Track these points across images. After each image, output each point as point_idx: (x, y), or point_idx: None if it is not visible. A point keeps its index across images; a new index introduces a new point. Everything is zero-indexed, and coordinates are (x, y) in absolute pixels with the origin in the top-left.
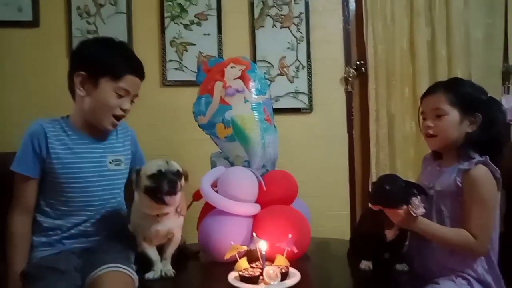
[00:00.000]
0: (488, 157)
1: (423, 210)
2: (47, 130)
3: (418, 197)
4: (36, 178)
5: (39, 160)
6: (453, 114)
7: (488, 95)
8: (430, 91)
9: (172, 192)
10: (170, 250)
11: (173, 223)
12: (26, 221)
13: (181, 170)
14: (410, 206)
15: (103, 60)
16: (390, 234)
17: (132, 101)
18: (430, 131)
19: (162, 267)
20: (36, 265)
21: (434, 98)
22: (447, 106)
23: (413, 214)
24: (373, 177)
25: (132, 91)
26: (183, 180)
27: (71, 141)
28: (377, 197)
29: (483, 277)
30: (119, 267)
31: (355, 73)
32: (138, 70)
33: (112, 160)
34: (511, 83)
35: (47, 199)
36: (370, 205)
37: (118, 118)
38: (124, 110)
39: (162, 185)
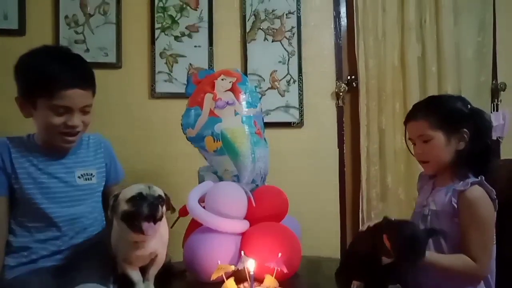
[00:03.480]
0: (483, 178)
1: None
2: (11, 146)
3: None
4: (4, 196)
5: (6, 177)
6: (438, 137)
7: (469, 106)
8: (411, 117)
9: (152, 217)
10: (153, 271)
11: (156, 244)
12: None
13: (163, 195)
14: None
15: (31, 80)
16: (387, 260)
17: (84, 113)
18: (421, 158)
19: None
20: (7, 286)
21: (416, 125)
22: (430, 131)
23: None
24: (364, 193)
25: (73, 105)
26: (164, 208)
27: (35, 158)
28: (396, 245)
29: None
30: (96, 286)
31: (346, 88)
32: (73, 82)
33: (81, 175)
34: (499, 101)
35: (17, 217)
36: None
37: (69, 134)
38: (72, 127)
39: (142, 209)
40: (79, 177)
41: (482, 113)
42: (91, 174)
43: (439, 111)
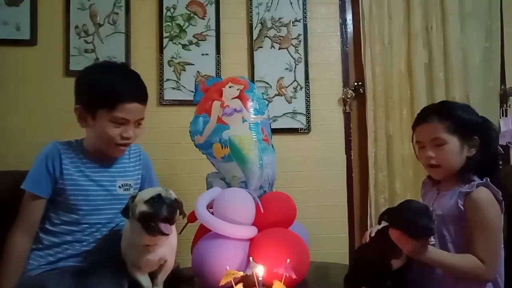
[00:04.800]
0: (488, 179)
1: (433, 240)
2: (62, 152)
3: None
4: (45, 198)
5: (52, 181)
6: (453, 142)
7: (480, 115)
8: (423, 119)
9: (170, 219)
10: (162, 276)
11: (164, 250)
12: (26, 243)
13: (178, 199)
14: None
15: (95, 92)
16: (397, 263)
17: (137, 126)
18: (433, 162)
19: None
20: (26, 285)
21: (430, 127)
22: (445, 135)
23: (430, 243)
24: (372, 199)
25: (131, 118)
26: (178, 212)
27: (82, 164)
28: (404, 225)
29: None
30: None
31: (353, 94)
32: (134, 96)
33: (121, 185)
34: (508, 106)
35: (53, 218)
36: (377, 224)
37: (122, 145)
38: (126, 138)
39: (160, 210)
40: (119, 187)
41: (491, 123)
42: (130, 184)
43: (456, 116)
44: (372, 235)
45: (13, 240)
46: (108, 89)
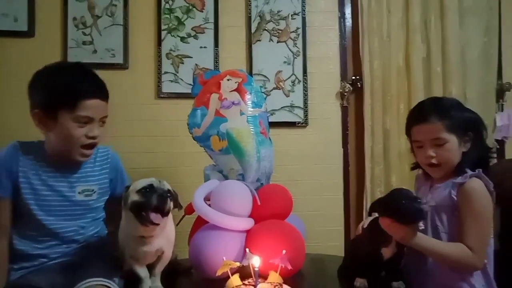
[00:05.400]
0: (481, 170)
1: (423, 226)
2: (21, 153)
3: None
4: (8, 198)
5: (11, 181)
6: (453, 140)
7: (471, 109)
8: (422, 119)
9: (160, 208)
10: (160, 267)
11: (161, 241)
12: (2, 243)
13: (172, 190)
14: None
15: (53, 93)
16: (387, 252)
17: (102, 124)
18: (433, 161)
19: (151, 284)
20: (13, 285)
21: (430, 128)
22: (446, 134)
23: (419, 228)
24: (368, 193)
25: (95, 116)
26: (172, 204)
27: (41, 168)
28: (393, 211)
29: None
30: (99, 280)
31: (351, 88)
32: (93, 92)
33: (82, 191)
34: (505, 101)
35: (18, 226)
36: (368, 216)
37: (88, 147)
38: (92, 138)
39: (151, 200)
40: (79, 193)
41: (481, 117)
42: (92, 190)
43: (453, 115)
44: (365, 226)
45: None
46: (67, 87)
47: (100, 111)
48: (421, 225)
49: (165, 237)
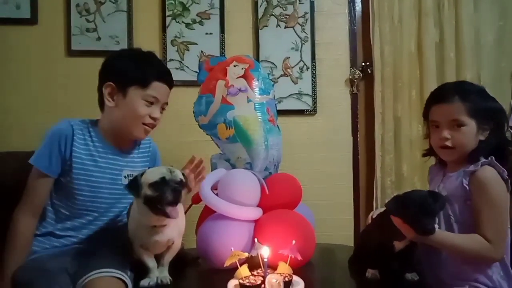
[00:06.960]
0: (493, 158)
1: (438, 226)
2: (75, 132)
3: None
4: (53, 178)
5: (61, 160)
6: (471, 125)
7: (496, 101)
8: (444, 99)
9: (176, 202)
10: (168, 257)
11: (173, 231)
12: (31, 224)
13: (184, 179)
14: None
15: (130, 69)
16: (399, 245)
17: (161, 110)
18: (448, 143)
19: (159, 274)
20: (27, 268)
21: (451, 108)
22: (465, 117)
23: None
24: (378, 182)
25: (161, 99)
26: (185, 190)
27: (94, 148)
28: (405, 217)
29: (498, 285)
30: (112, 271)
31: (361, 75)
32: (165, 77)
33: (127, 175)
34: None
35: (54, 200)
36: (380, 209)
37: (148, 126)
38: (154, 119)
39: (165, 195)
40: (125, 177)
41: (504, 110)
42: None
43: (477, 99)
44: (374, 217)
45: (18, 221)
46: (144, 67)
47: (165, 96)
48: (436, 225)
49: (176, 227)
